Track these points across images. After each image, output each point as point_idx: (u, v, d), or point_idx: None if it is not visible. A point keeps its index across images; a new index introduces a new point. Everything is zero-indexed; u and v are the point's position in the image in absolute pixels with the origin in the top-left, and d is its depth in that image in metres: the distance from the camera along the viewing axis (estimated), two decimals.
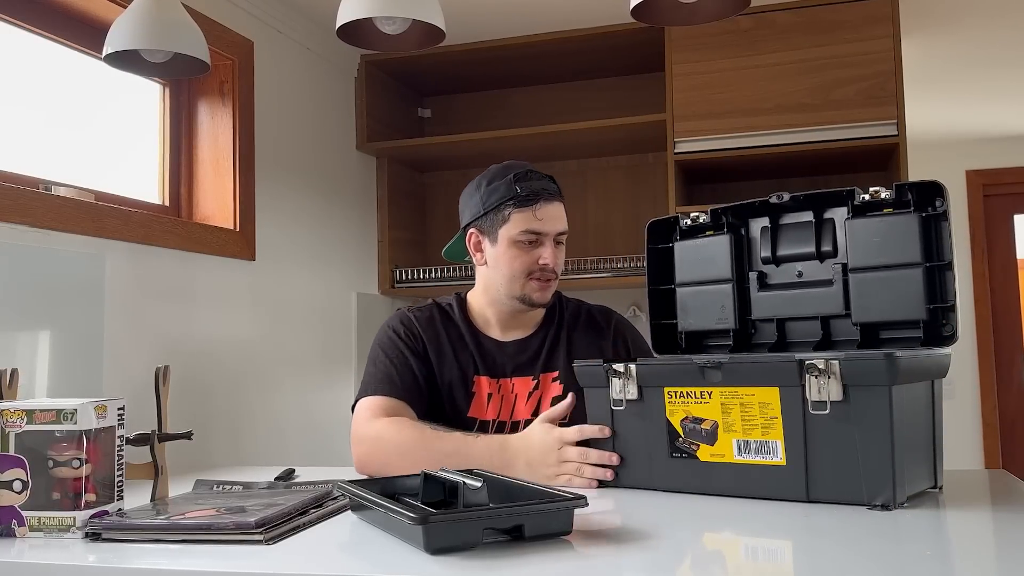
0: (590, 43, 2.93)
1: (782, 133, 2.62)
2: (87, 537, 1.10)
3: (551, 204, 1.65)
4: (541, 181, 1.66)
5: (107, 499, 1.16)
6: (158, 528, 1.09)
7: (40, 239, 1.80)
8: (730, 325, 1.45)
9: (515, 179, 1.64)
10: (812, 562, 0.98)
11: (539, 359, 1.70)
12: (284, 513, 1.14)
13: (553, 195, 1.66)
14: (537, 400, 1.67)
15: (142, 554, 1.04)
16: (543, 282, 1.66)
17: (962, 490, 1.32)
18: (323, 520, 1.20)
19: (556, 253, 1.67)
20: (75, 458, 1.12)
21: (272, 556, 1.02)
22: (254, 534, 1.06)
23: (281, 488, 1.39)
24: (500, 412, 1.66)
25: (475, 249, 1.72)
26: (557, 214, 1.66)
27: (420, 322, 1.73)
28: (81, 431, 1.12)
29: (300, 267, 2.72)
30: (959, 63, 3.34)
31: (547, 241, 1.65)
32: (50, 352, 1.80)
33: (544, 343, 1.72)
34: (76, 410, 1.12)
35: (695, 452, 1.30)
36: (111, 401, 1.18)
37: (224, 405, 2.33)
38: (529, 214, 1.63)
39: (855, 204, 1.33)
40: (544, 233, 1.64)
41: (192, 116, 2.43)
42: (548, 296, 1.68)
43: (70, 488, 1.12)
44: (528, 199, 1.63)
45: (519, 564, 0.96)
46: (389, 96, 3.24)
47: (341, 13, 1.56)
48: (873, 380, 1.15)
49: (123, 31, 1.67)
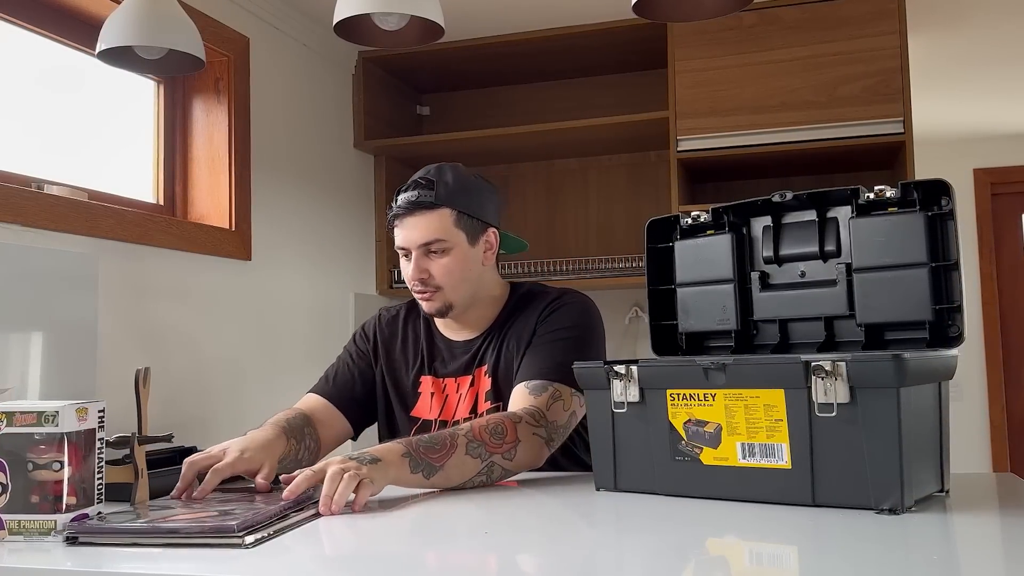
0: (591, 39, 2.91)
1: (786, 131, 2.60)
2: (65, 541, 1.10)
3: (410, 217, 1.61)
4: (408, 192, 1.62)
5: (87, 502, 1.15)
6: (136, 532, 1.09)
7: (33, 238, 1.78)
8: (732, 326, 1.43)
9: (396, 194, 1.65)
10: (818, 568, 0.97)
11: (476, 356, 1.68)
12: (265, 516, 1.13)
13: (410, 209, 1.61)
14: (473, 396, 1.66)
15: (120, 559, 1.03)
16: (420, 295, 1.65)
17: (970, 494, 1.31)
18: (305, 523, 1.19)
19: (426, 264, 1.61)
20: (55, 461, 1.11)
21: (253, 560, 1.01)
22: (234, 537, 1.05)
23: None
24: (442, 411, 1.67)
25: None
26: (414, 226, 1.61)
27: (381, 322, 1.78)
28: (62, 434, 1.11)
29: (297, 267, 2.70)
30: (966, 60, 3.32)
31: (412, 255, 1.62)
32: (43, 353, 1.78)
33: (486, 340, 1.69)
34: (57, 412, 1.11)
35: (698, 455, 1.28)
36: (92, 404, 1.17)
37: (220, 407, 2.31)
38: (397, 230, 1.64)
39: (859, 203, 1.32)
40: (406, 247, 1.63)
41: (187, 114, 2.41)
42: (436, 306, 1.64)
43: (50, 491, 1.11)
44: (395, 216, 1.63)
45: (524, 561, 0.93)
46: (387, 93, 3.22)
47: (338, 9, 1.55)
48: (881, 382, 1.13)
49: (117, 27, 1.66)
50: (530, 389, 1.54)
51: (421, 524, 1.23)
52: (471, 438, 1.40)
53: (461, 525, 1.24)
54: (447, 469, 1.37)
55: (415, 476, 1.34)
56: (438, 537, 1.16)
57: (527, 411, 1.49)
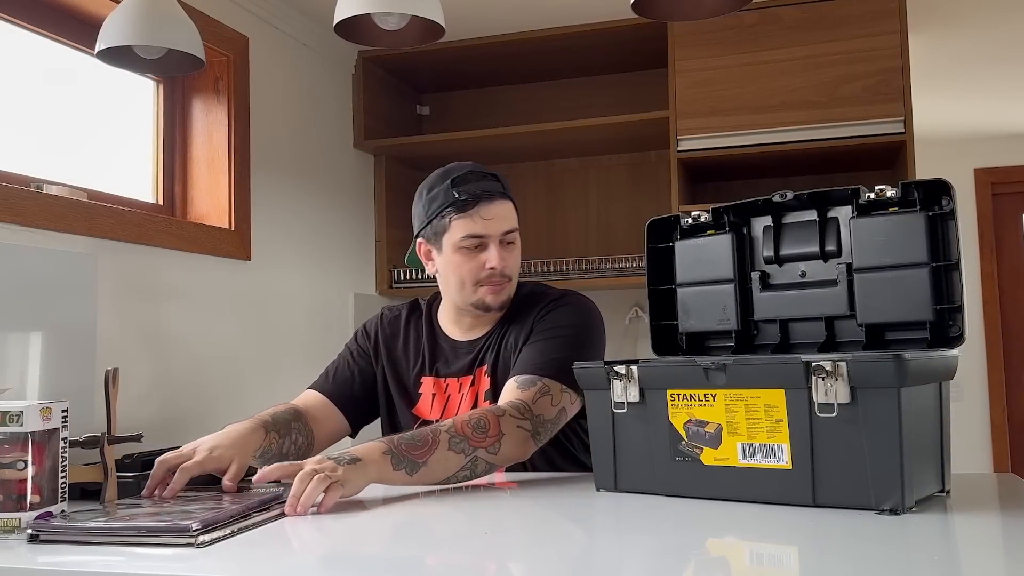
0: (591, 39, 2.91)
1: (787, 131, 2.59)
2: (28, 539, 1.11)
3: (492, 204, 1.58)
4: (480, 182, 1.59)
5: (51, 500, 1.17)
6: (95, 530, 1.10)
7: (32, 238, 1.78)
8: (732, 326, 1.43)
9: (453, 183, 1.59)
10: (819, 568, 0.96)
11: (477, 356, 1.67)
12: (223, 516, 1.14)
13: (494, 195, 1.59)
14: (474, 396, 1.65)
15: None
16: (494, 286, 1.61)
17: (970, 494, 1.30)
18: (265, 524, 1.19)
19: (505, 254, 1.61)
20: (19, 460, 1.13)
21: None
22: (189, 537, 1.06)
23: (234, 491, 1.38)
24: (444, 412, 1.65)
25: (426, 258, 1.69)
26: (500, 213, 1.60)
27: (383, 321, 1.77)
28: (26, 433, 1.13)
29: (296, 267, 2.70)
30: (967, 59, 3.32)
31: (491, 244, 1.59)
32: (42, 353, 1.78)
33: (488, 339, 1.68)
34: (21, 412, 1.13)
35: (698, 456, 1.27)
36: (56, 404, 1.19)
37: (219, 406, 2.31)
38: (469, 219, 1.58)
39: (860, 203, 1.31)
40: (487, 235, 1.59)
41: (186, 113, 2.41)
42: (502, 299, 1.63)
43: (14, 490, 1.13)
44: (467, 203, 1.57)
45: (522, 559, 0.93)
46: (387, 93, 3.22)
47: (339, 9, 1.55)
48: (882, 382, 1.13)
49: (116, 27, 1.66)
50: (519, 383, 1.53)
51: (404, 525, 1.22)
52: (453, 433, 1.40)
53: (460, 526, 1.24)
54: (430, 465, 1.36)
55: (398, 473, 1.34)
56: (437, 538, 1.16)
57: (512, 404, 1.48)
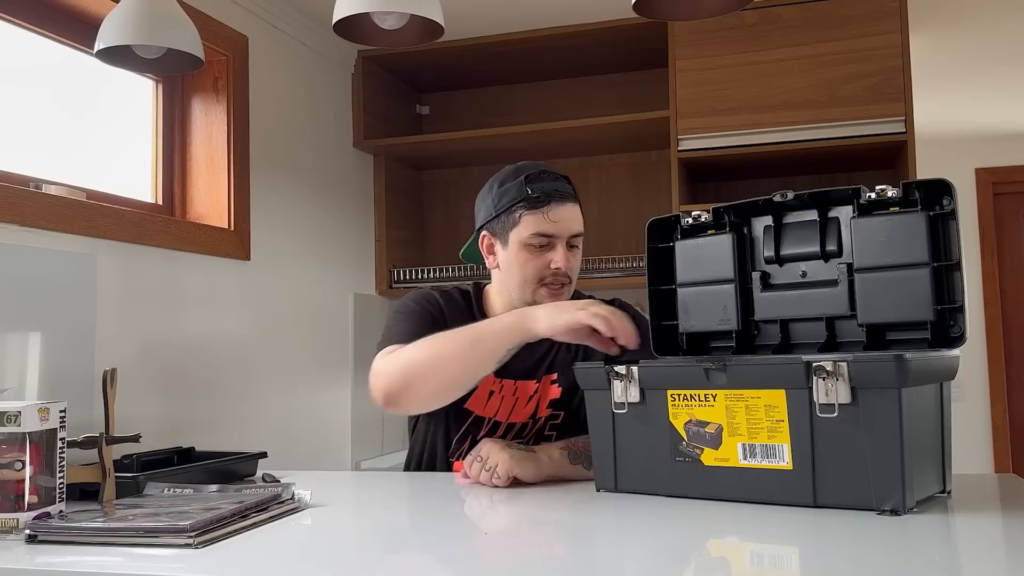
0: (592, 39, 2.90)
1: (788, 130, 2.59)
2: (26, 540, 1.11)
3: (563, 206, 1.60)
4: (554, 182, 1.62)
5: (49, 501, 1.17)
6: (93, 531, 1.10)
7: (30, 238, 1.77)
8: (733, 326, 1.43)
9: (527, 180, 1.60)
10: (819, 569, 0.96)
11: (544, 362, 1.66)
12: (221, 517, 1.14)
13: (566, 196, 1.62)
14: (536, 403, 1.64)
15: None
16: (555, 288, 1.61)
17: (971, 495, 1.31)
18: (263, 524, 1.19)
19: (569, 257, 1.62)
20: (17, 460, 1.13)
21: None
22: (184, 537, 1.07)
23: (231, 491, 1.38)
24: (498, 412, 1.63)
25: (488, 252, 1.68)
26: (570, 216, 1.61)
27: (444, 299, 1.69)
28: (24, 434, 1.13)
29: (296, 267, 2.70)
30: (968, 59, 3.31)
31: (559, 244, 1.60)
32: (41, 353, 1.77)
33: (552, 346, 1.66)
34: (19, 413, 1.13)
35: (699, 456, 1.27)
36: (54, 404, 1.19)
37: (218, 407, 2.30)
38: (540, 216, 1.59)
39: (861, 203, 1.31)
40: (555, 235, 1.60)
41: (185, 113, 2.41)
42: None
43: (11, 490, 1.13)
44: (539, 200, 1.59)
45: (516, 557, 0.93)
46: (387, 93, 3.21)
47: (338, 8, 1.54)
48: (883, 382, 1.12)
49: (115, 26, 1.66)
50: None
51: (404, 525, 1.22)
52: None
53: (460, 526, 1.23)
54: None
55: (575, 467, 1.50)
56: (437, 538, 1.16)
57: None
